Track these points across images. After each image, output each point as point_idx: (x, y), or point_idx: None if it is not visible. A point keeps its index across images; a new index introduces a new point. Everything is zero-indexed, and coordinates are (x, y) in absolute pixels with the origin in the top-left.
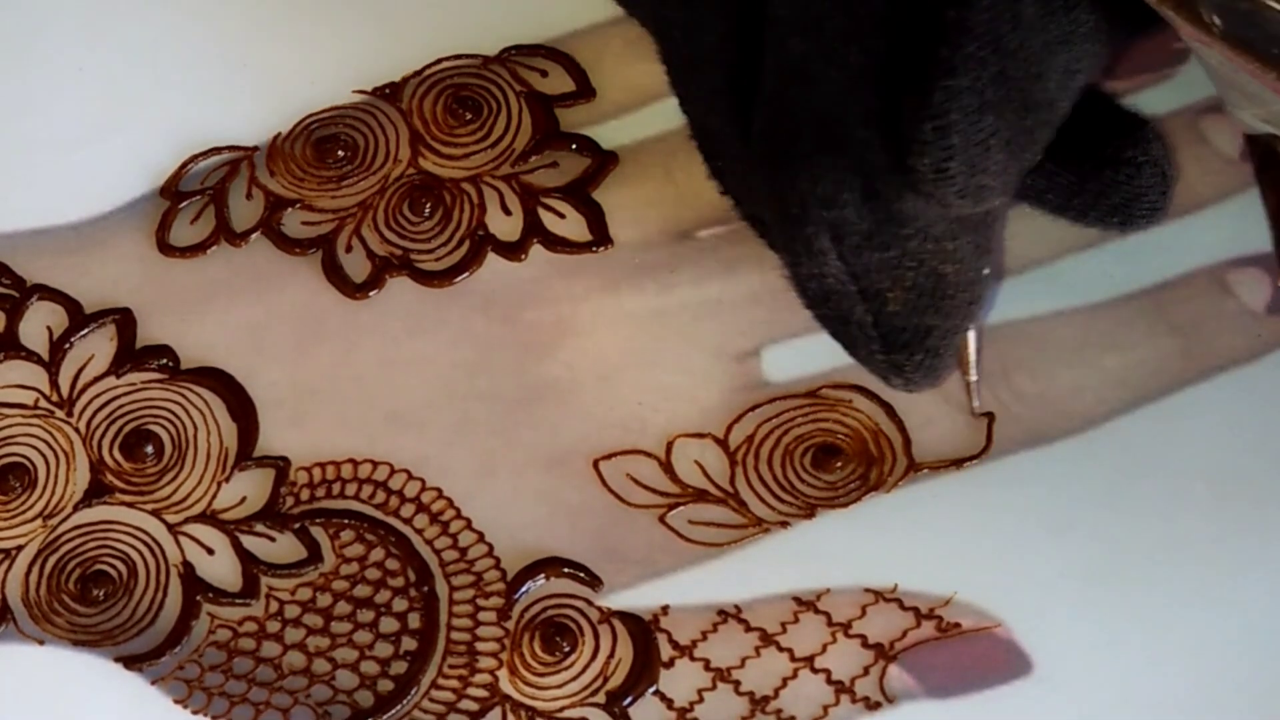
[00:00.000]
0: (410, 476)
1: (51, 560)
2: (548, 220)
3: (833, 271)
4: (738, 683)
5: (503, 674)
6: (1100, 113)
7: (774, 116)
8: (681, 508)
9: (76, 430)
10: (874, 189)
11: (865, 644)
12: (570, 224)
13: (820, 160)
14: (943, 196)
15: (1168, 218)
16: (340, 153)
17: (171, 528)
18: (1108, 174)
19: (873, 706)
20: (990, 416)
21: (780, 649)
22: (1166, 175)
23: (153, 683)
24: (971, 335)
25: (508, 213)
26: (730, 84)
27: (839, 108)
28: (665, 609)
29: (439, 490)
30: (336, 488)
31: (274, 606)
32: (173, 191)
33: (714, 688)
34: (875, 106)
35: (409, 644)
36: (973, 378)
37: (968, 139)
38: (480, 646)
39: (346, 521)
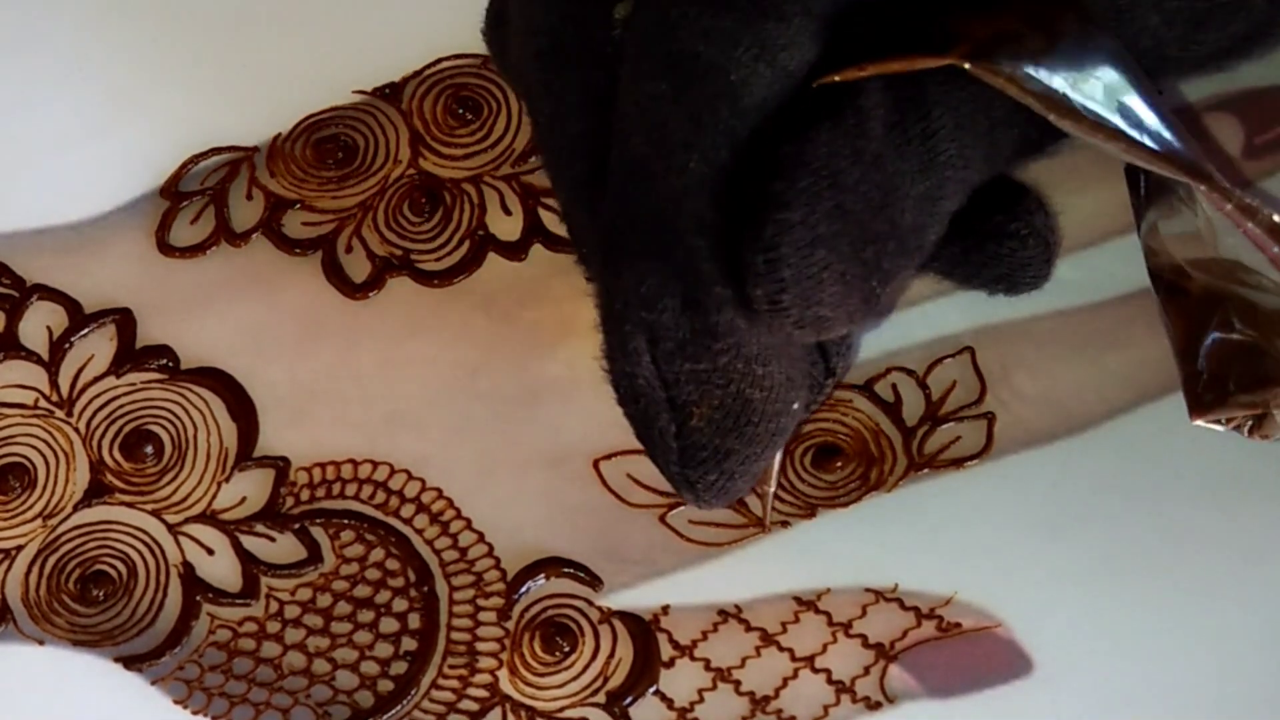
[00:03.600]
0: (410, 476)
1: (51, 560)
2: (548, 220)
3: (644, 374)
4: (738, 682)
5: (503, 674)
6: (984, 185)
7: (614, 210)
8: (682, 507)
9: (76, 430)
10: (695, 298)
11: (866, 644)
12: None
13: (647, 261)
14: (779, 326)
15: None
16: (340, 153)
17: (171, 528)
18: (991, 247)
19: (873, 706)
20: (991, 416)
21: (781, 649)
22: (1049, 244)
23: (153, 683)
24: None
25: (508, 213)
26: (590, 177)
27: (673, 212)
28: (665, 609)
29: (439, 490)
30: (336, 488)
31: (274, 607)
32: (173, 192)
33: (714, 687)
34: (709, 218)
35: (409, 644)
36: (770, 488)
37: (800, 272)
38: (480, 646)
39: (346, 522)
